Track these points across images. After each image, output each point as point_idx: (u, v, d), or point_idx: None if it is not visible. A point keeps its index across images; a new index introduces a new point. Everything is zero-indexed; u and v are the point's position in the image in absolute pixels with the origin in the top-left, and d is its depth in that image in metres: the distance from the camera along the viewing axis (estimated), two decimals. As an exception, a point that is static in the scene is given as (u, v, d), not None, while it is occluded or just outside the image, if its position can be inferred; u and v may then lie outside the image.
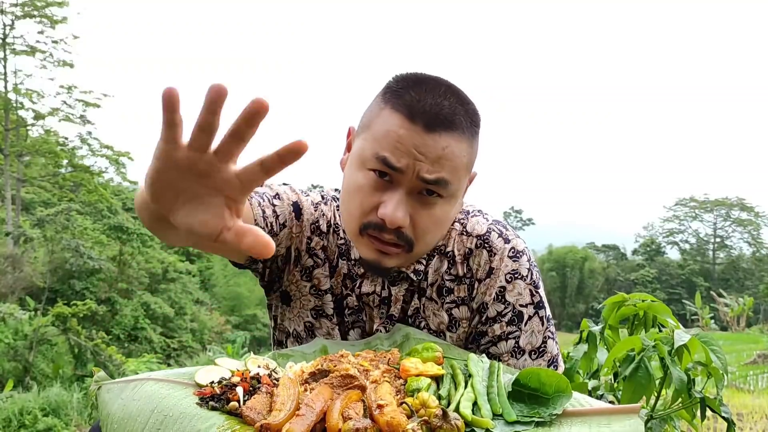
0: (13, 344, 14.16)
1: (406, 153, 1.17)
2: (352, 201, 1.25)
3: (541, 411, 0.93)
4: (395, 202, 1.19)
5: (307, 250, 1.40)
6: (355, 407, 0.90)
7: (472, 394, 0.98)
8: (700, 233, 55.82)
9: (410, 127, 1.18)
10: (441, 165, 1.19)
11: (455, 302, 1.35)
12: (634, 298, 1.81)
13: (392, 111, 1.21)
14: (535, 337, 1.32)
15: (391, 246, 1.23)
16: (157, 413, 0.94)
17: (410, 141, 1.17)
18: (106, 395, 1.05)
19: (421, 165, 1.18)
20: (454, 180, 1.22)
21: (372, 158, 1.20)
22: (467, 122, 1.23)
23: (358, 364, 1.04)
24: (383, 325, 1.37)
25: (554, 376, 0.96)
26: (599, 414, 0.92)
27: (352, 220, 1.26)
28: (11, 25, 22.81)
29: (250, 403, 0.92)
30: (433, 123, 1.18)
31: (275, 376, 1.04)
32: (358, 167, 1.24)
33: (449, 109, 1.20)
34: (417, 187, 1.20)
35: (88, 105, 24.08)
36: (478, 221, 1.37)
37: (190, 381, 1.03)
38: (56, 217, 19.66)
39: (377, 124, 1.22)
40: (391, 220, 1.18)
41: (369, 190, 1.22)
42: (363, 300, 1.38)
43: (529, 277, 1.33)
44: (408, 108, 1.19)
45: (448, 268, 1.36)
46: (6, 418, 9.18)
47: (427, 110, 1.18)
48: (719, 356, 1.50)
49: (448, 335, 1.36)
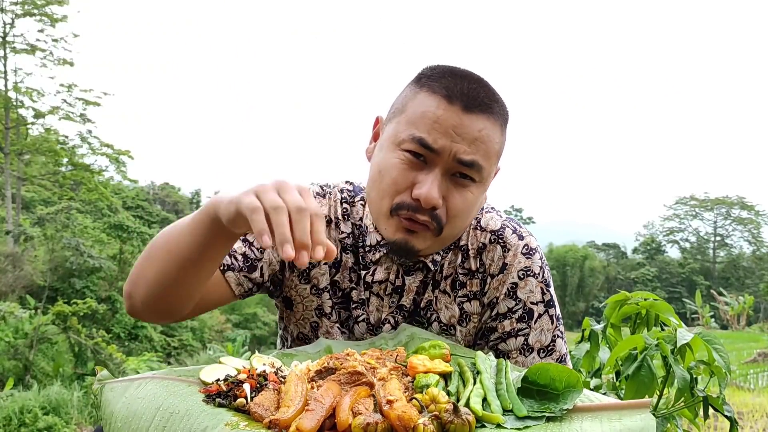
0: (13, 343, 14.15)
1: (443, 133, 1.19)
2: (384, 180, 1.24)
3: (551, 406, 0.92)
4: (430, 182, 1.19)
5: None
6: (364, 402, 0.90)
7: (481, 390, 0.97)
8: (701, 232, 55.86)
9: (448, 107, 1.19)
10: (476, 147, 1.20)
11: (467, 296, 1.36)
12: (636, 297, 1.81)
13: (429, 93, 1.22)
14: (545, 336, 1.33)
15: (423, 226, 1.23)
16: (162, 411, 0.93)
17: (449, 121, 1.19)
18: (109, 394, 1.03)
19: (458, 146, 1.19)
20: (486, 165, 1.23)
21: (408, 139, 1.20)
22: (502, 110, 1.26)
23: (365, 362, 1.03)
24: (392, 315, 1.36)
25: (564, 371, 0.95)
26: (610, 409, 0.91)
27: (383, 200, 1.25)
28: (11, 24, 22.80)
29: (258, 400, 0.91)
30: (472, 104, 1.20)
31: (282, 374, 1.03)
32: (392, 148, 1.24)
33: (486, 94, 1.23)
34: (452, 169, 1.21)
35: (88, 103, 24.05)
36: (492, 217, 1.38)
37: (195, 379, 1.02)
38: (56, 216, 19.66)
39: (413, 107, 1.23)
40: (426, 199, 1.18)
41: (404, 169, 1.22)
42: (372, 290, 1.37)
43: (541, 275, 1.34)
44: (446, 89, 1.21)
45: (462, 261, 1.36)
46: (6, 416, 9.17)
47: (465, 93, 1.20)
48: (722, 355, 1.49)
49: (459, 329, 1.36)
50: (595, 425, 0.88)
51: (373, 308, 1.37)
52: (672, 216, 56.84)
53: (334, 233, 1.39)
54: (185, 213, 41.07)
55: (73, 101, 23.92)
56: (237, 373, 1.01)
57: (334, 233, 1.39)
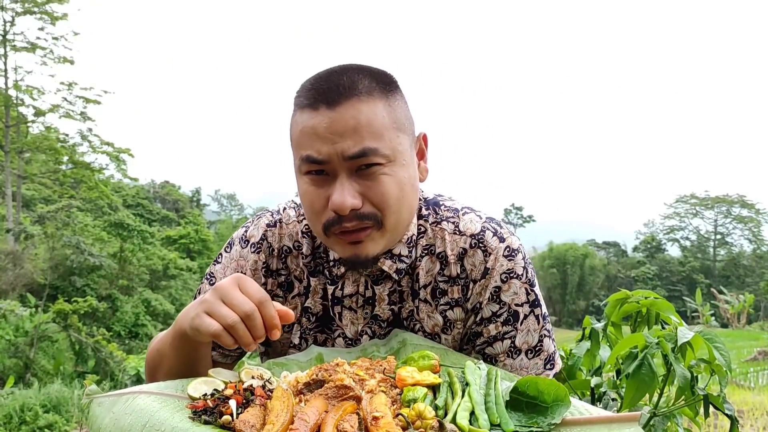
0: (13, 341, 14.18)
1: (322, 140, 1.17)
2: (306, 209, 1.25)
3: (539, 420, 0.92)
4: (338, 190, 1.18)
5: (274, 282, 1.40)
6: (350, 420, 0.89)
7: (469, 404, 0.96)
8: (701, 230, 55.88)
9: (315, 113, 1.18)
10: (360, 135, 1.17)
11: (449, 304, 1.33)
12: (637, 295, 1.81)
13: (298, 110, 1.22)
14: (531, 336, 1.30)
15: (359, 232, 1.21)
16: (149, 428, 0.93)
17: (320, 126, 1.17)
18: (97, 409, 1.03)
19: (340, 145, 1.16)
20: (381, 144, 1.19)
21: (301, 162, 1.20)
22: (373, 83, 1.21)
23: (354, 373, 1.03)
24: (368, 326, 1.34)
25: (552, 384, 0.94)
26: (599, 423, 0.91)
27: (314, 226, 1.26)
28: (11, 22, 22.82)
29: (244, 417, 0.90)
30: (333, 97, 1.17)
31: (269, 387, 1.03)
32: (299, 176, 1.24)
33: (347, 79, 1.19)
34: (351, 167, 1.18)
35: (88, 102, 24.07)
36: (471, 219, 1.33)
37: (183, 394, 1.02)
38: (57, 214, 19.68)
39: (294, 130, 1.23)
40: (340, 207, 1.17)
41: (313, 190, 1.21)
42: (344, 304, 1.35)
43: (525, 276, 1.30)
44: (309, 98, 1.19)
45: (441, 269, 1.32)
46: (7, 414, 9.19)
47: (324, 89, 1.18)
48: (723, 353, 1.49)
49: (443, 337, 1.34)
50: (584, 439, 0.88)
51: (347, 322, 1.36)
52: (672, 214, 56.87)
53: (295, 262, 1.39)
54: (185, 211, 41.20)
55: (73, 99, 23.95)
56: (225, 387, 1.01)
57: (295, 262, 1.39)
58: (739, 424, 1.56)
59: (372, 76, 1.22)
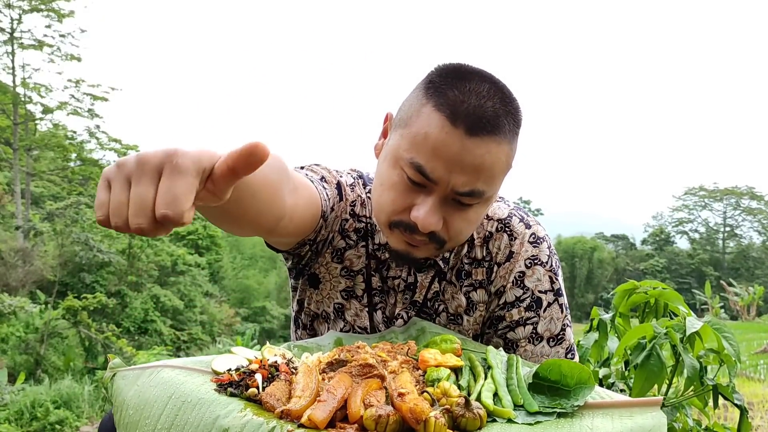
0: (24, 337, 14.26)
1: (443, 162, 1.12)
2: (384, 196, 1.21)
3: (563, 402, 0.92)
4: (428, 208, 1.15)
5: (340, 231, 1.37)
6: (376, 395, 0.90)
7: (492, 385, 0.97)
8: (710, 222, 55.53)
9: (451, 130, 1.11)
10: (477, 175, 1.13)
11: (473, 285, 1.35)
12: (645, 286, 1.80)
13: (434, 109, 1.13)
14: (554, 324, 1.32)
15: (422, 242, 1.21)
16: (174, 399, 0.93)
17: (450, 149, 1.11)
18: (121, 382, 1.03)
19: (456, 178, 1.12)
20: (489, 188, 1.17)
21: (407, 162, 1.15)
22: (510, 123, 1.16)
23: (376, 354, 1.03)
24: (405, 310, 1.36)
25: (576, 367, 0.94)
26: (621, 406, 0.91)
27: (383, 214, 1.22)
28: (19, 20, 22.84)
29: (270, 390, 0.91)
30: (476, 127, 1.11)
31: (293, 365, 1.03)
32: (393, 164, 1.19)
33: (492, 111, 1.12)
34: (450, 196, 1.16)
35: (96, 98, 24.08)
36: (498, 206, 1.37)
37: (207, 368, 1.02)
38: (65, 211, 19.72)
39: (417, 123, 1.15)
40: (423, 225, 1.15)
41: (402, 190, 1.18)
42: (388, 283, 1.38)
43: (549, 264, 1.33)
44: (451, 107, 1.12)
45: (467, 251, 1.35)
46: (18, 410, 9.26)
47: (471, 113, 1.11)
48: (732, 343, 1.48)
49: (465, 318, 1.36)
50: (607, 422, 0.88)
51: (390, 301, 1.38)
52: (681, 207, 56.54)
53: (364, 221, 1.39)
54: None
55: (81, 96, 23.96)
56: (249, 363, 1.01)
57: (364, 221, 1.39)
58: (748, 415, 1.55)
59: (513, 117, 1.17)
